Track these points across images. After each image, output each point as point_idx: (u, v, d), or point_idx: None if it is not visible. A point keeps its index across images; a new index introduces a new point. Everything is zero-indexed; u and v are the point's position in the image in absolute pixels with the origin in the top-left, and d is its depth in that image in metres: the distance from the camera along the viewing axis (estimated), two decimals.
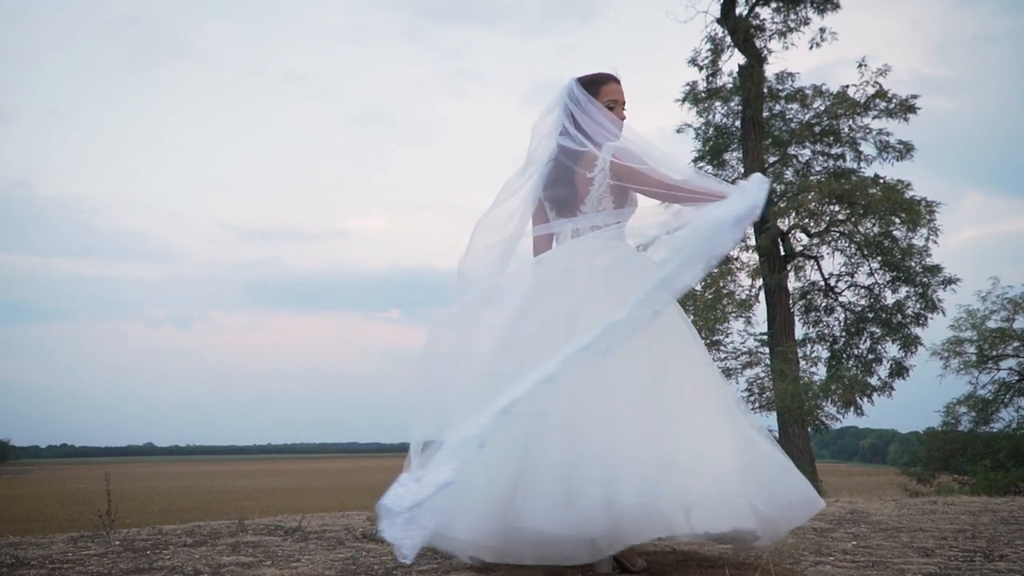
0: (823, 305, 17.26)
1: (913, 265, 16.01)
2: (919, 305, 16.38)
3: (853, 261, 16.82)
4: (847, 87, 16.60)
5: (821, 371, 16.60)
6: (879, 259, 16.45)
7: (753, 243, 17.18)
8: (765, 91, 16.72)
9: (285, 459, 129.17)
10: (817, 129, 16.69)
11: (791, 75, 17.03)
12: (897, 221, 15.86)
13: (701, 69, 17.49)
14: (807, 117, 16.82)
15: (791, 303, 16.81)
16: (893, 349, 16.62)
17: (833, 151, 16.95)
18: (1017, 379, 21.58)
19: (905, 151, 16.30)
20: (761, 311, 15.77)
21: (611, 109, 3.11)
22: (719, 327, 12.47)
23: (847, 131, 16.67)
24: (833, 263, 17.18)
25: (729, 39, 17.12)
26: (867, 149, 16.72)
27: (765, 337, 13.78)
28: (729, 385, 3.15)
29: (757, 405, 13.02)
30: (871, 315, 16.71)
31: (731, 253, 17.35)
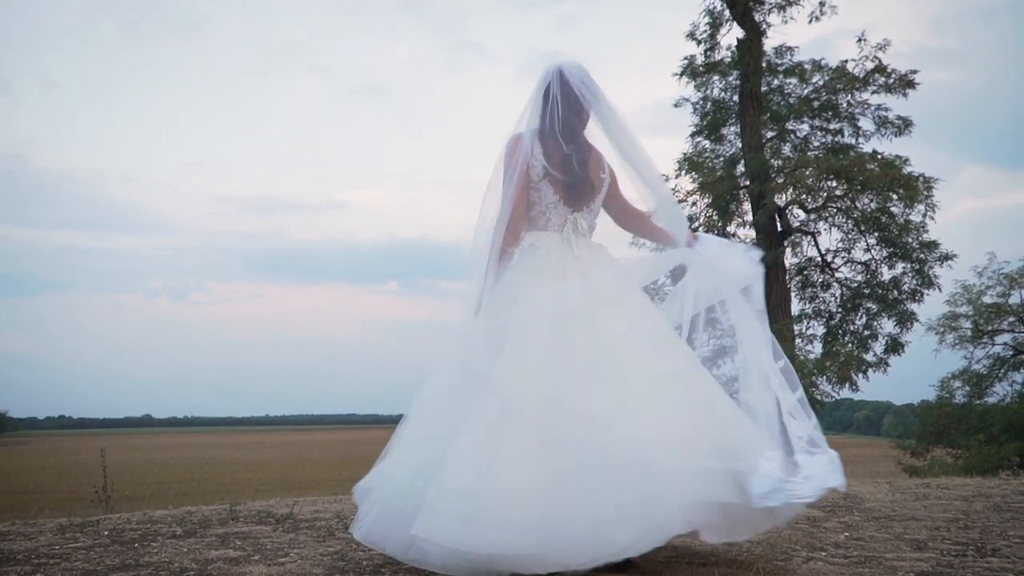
0: (820, 281, 17.22)
1: (910, 241, 15.96)
2: (915, 281, 16.35)
3: (850, 237, 16.76)
4: (846, 62, 16.45)
5: (817, 349, 16.60)
6: (876, 235, 16.39)
7: (750, 218, 17.11)
8: (764, 65, 16.56)
9: (283, 431, 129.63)
10: (816, 104, 16.56)
11: (790, 49, 16.86)
12: (895, 197, 15.77)
13: (699, 43, 17.31)
14: (806, 92, 16.68)
15: (787, 279, 16.76)
16: (889, 325, 16.61)
17: (831, 126, 16.83)
18: (1012, 354, 21.65)
19: (903, 127, 16.18)
20: (758, 292, 15.72)
21: None
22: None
23: (845, 106, 16.54)
24: (830, 239, 17.13)
25: (728, 12, 16.93)
26: (865, 125, 16.62)
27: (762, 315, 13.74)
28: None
29: None
30: (867, 291, 16.68)
31: (729, 229, 17.30)
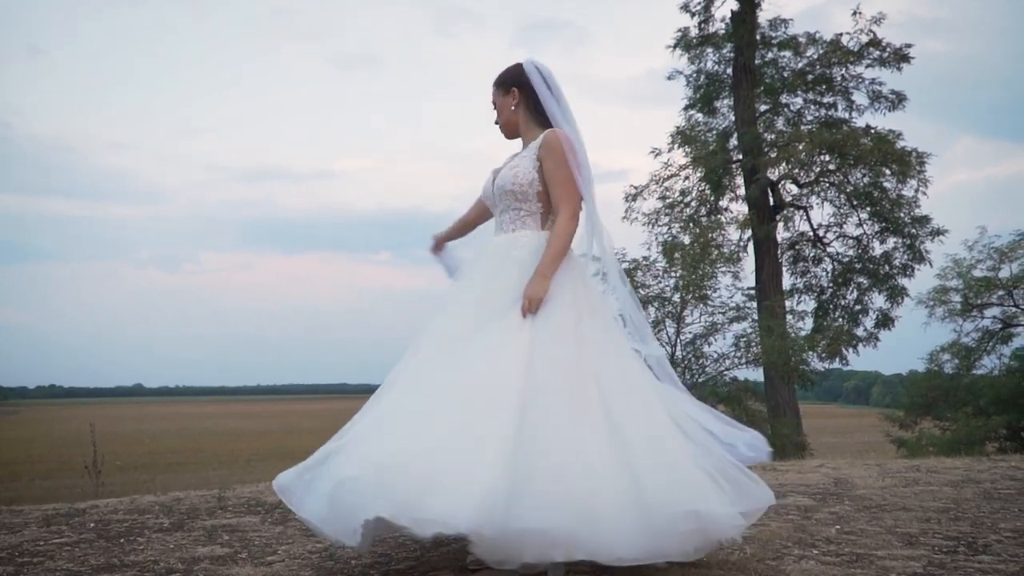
0: (811, 255, 17.21)
1: (902, 216, 15.94)
2: (906, 256, 16.35)
3: (842, 212, 16.73)
4: (840, 35, 16.33)
5: (808, 325, 16.64)
6: (868, 210, 16.36)
7: (742, 192, 17.06)
8: (758, 38, 16.42)
9: (275, 400, 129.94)
10: (810, 77, 16.44)
11: (784, 22, 16.71)
12: (888, 172, 15.73)
13: (693, 15, 17.14)
14: (800, 65, 16.55)
15: (779, 254, 16.75)
16: (880, 300, 16.64)
17: (825, 100, 16.73)
18: (1001, 327, 21.73)
19: (897, 101, 16.09)
20: (749, 266, 15.72)
21: None
22: (707, 283, 12.40)
23: (840, 80, 16.43)
24: (822, 213, 17.12)
25: None
26: (859, 99, 16.53)
27: (753, 292, 13.75)
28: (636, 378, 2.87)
29: (744, 361, 13.04)
30: (859, 266, 16.69)
31: (721, 204, 17.26)
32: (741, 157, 16.70)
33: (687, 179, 17.17)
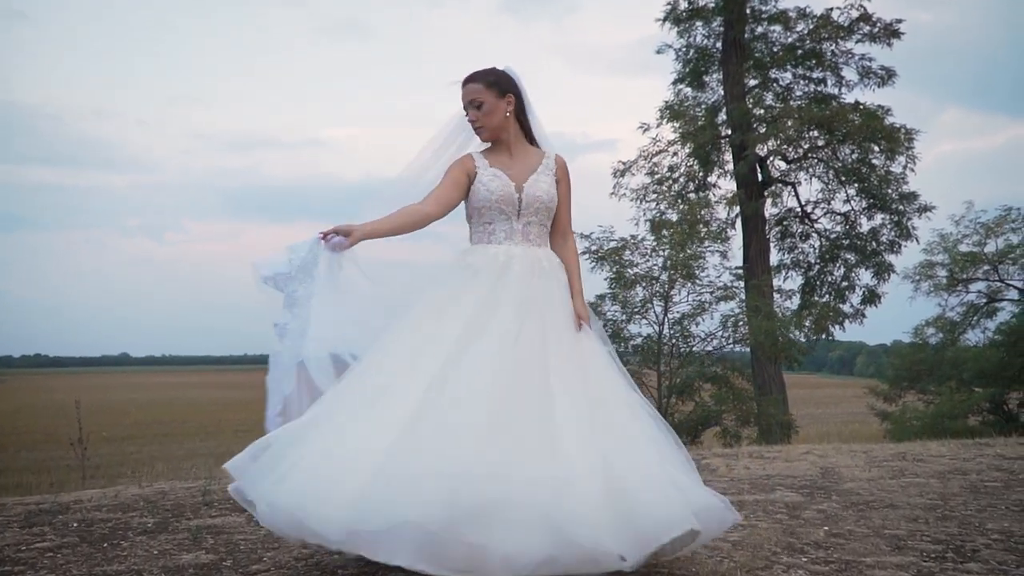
0: (799, 232, 17.20)
1: (890, 192, 15.93)
2: (893, 233, 16.37)
3: (830, 188, 16.70)
4: (831, 10, 16.20)
5: (795, 303, 16.66)
6: (856, 186, 16.34)
7: (731, 168, 16.99)
8: (747, 12, 16.27)
9: (262, 369, 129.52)
10: (799, 52, 16.32)
11: None
12: (876, 149, 15.70)
13: None
14: (790, 40, 16.42)
15: (767, 230, 16.74)
16: (867, 276, 16.68)
17: (814, 75, 16.62)
18: (985, 301, 21.88)
19: (887, 77, 16.01)
20: (737, 243, 15.67)
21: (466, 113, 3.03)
22: (694, 263, 12.38)
23: (829, 55, 16.32)
24: (810, 189, 17.11)
25: None
26: (849, 74, 16.44)
27: (740, 271, 13.75)
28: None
29: (731, 340, 13.08)
30: (846, 242, 16.69)
31: (709, 180, 17.20)
32: (730, 133, 16.61)
33: (675, 155, 17.09)
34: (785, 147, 16.33)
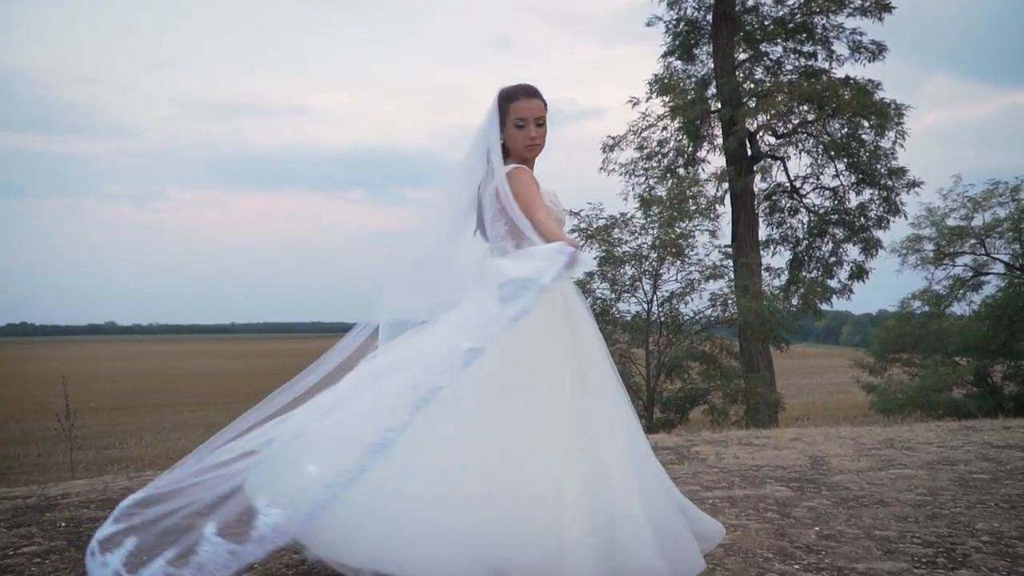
0: (787, 207, 17.18)
1: (879, 168, 15.91)
2: (882, 208, 16.37)
3: (819, 163, 16.66)
4: None
5: (783, 279, 16.66)
6: (845, 161, 16.31)
7: (720, 142, 16.91)
8: None
9: (249, 338, 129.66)
10: (790, 26, 16.19)
11: None
12: (866, 124, 15.65)
13: None
14: (780, 13, 16.27)
15: (756, 205, 16.71)
16: (854, 252, 16.70)
17: (805, 48, 16.50)
18: (972, 275, 22.00)
19: (877, 52, 15.91)
20: (725, 219, 15.60)
21: (520, 128, 2.85)
22: (683, 241, 12.34)
23: (820, 30, 16.19)
24: (799, 164, 17.08)
25: None
26: (839, 48, 16.32)
27: (730, 250, 13.73)
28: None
29: (719, 320, 13.07)
30: (835, 217, 16.69)
31: (699, 155, 17.12)
32: (720, 107, 16.51)
33: (664, 129, 16.99)
34: (775, 122, 16.25)
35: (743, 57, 16.88)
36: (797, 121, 16.35)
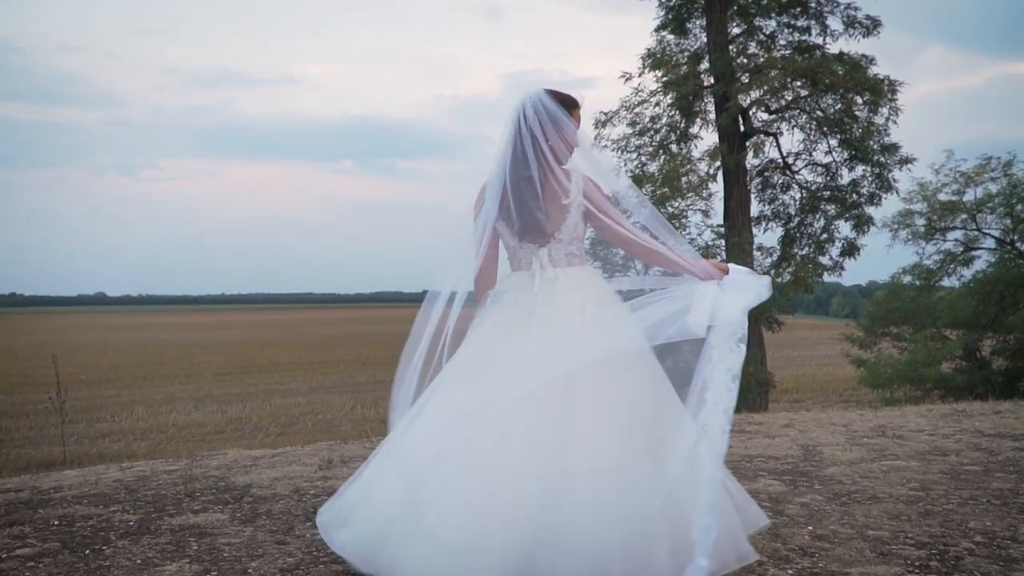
0: (779, 183, 17.13)
1: (871, 144, 15.86)
2: (874, 185, 16.35)
3: (812, 138, 16.60)
4: None
5: (776, 256, 16.63)
6: (838, 137, 16.26)
7: (713, 117, 16.81)
8: None
9: (239, 309, 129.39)
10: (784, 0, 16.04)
11: None
12: (859, 101, 15.58)
13: None
14: None
15: (748, 181, 16.66)
16: (846, 228, 16.70)
17: (799, 23, 16.36)
18: (962, 250, 22.10)
19: (872, 27, 15.80)
20: (718, 196, 15.55)
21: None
22: (675, 223, 12.28)
23: (815, 4, 16.06)
24: (792, 140, 16.99)
25: None
26: (833, 23, 16.18)
27: (722, 229, 13.69)
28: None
29: None
30: (827, 194, 16.67)
31: (692, 131, 17.01)
32: (713, 82, 16.40)
33: (657, 105, 16.86)
34: (768, 97, 16.16)
35: (737, 31, 16.74)
36: (790, 97, 16.26)
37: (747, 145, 16.57)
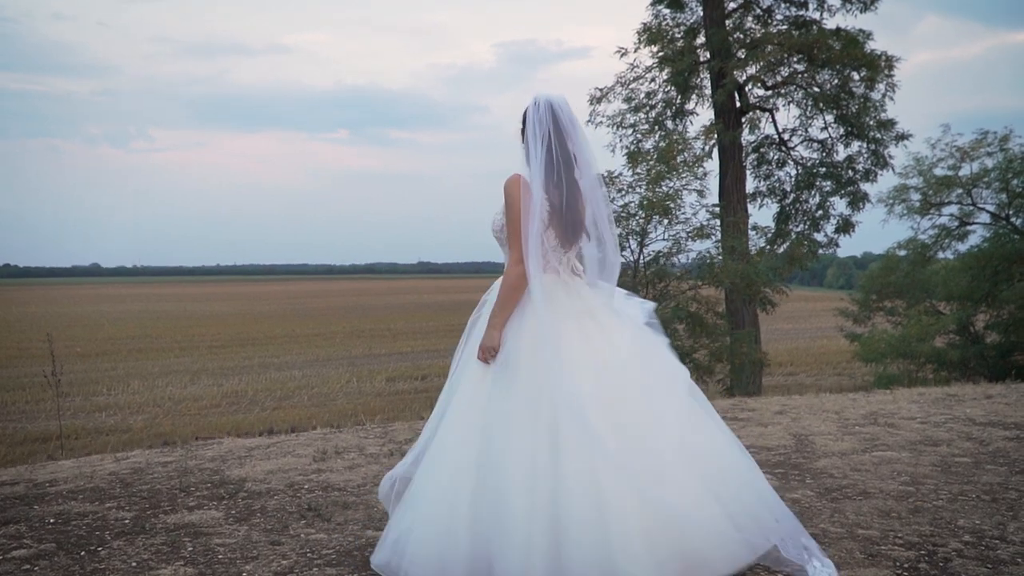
0: (775, 159, 17.08)
1: (867, 120, 15.80)
2: (870, 162, 16.32)
3: (808, 114, 16.52)
4: None
5: (772, 235, 16.61)
6: (834, 113, 16.20)
7: (709, 92, 16.73)
8: None
9: (234, 281, 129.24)
10: None
11: None
12: (856, 77, 15.50)
13: None
14: None
15: (743, 157, 16.61)
16: (841, 205, 16.69)
17: None
18: (957, 224, 22.11)
19: (869, 2, 15.67)
20: (713, 174, 15.47)
21: None
22: (671, 203, 12.24)
23: None
24: (788, 116, 16.94)
25: None
26: None
27: (717, 209, 13.66)
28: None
29: (706, 281, 13.03)
30: (822, 170, 16.63)
31: (687, 106, 16.92)
32: (709, 58, 16.29)
33: (653, 81, 16.76)
34: (764, 73, 16.07)
35: (733, 6, 16.61)
36: (787, 72, 16.16)
37: (743, 121, 16.49)
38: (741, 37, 16.29)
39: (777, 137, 16.94)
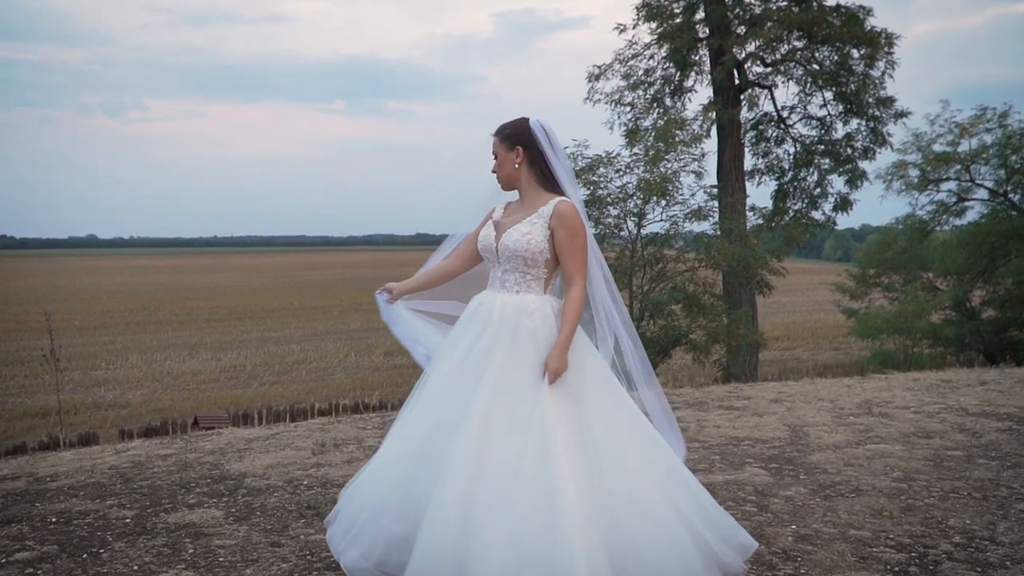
0: (774, 136, 17.03)
1: (866, 98, 15.74)
2: (868, 139, 16.27)
3: (807, 92, 16.44)
4: None
5: (768, 220, 16.59)
6: (833, 91, 16.12)
7: (707, 68, 16.64)
8: None
9: (231, 252, 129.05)
10: None
11: None
12: (856, 54, 15.41)
13: None
14: None
15: (742, 134, 16.55)
16: (840, 183, 16.67)
17: None
18: (955, 200, 22.10)
19: None
20: (711, 164, 15.38)
21: None
22: (668, 185, 12.22)
23: None
24: (787, 93, 16.86)
25: None
26: None
27: (715, 191, 13.63)
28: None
29: (703, 263, 13.04)
30: (821, 148, 16.59)
31: (686, 83, 16.83)
32: (708, 33, 16.18)
33: (651, 58, 16.65)
34: (764, 50, 15.97)
35: None
36: (786, 49, 16.06)
37: (742, 98, 16.42)
38: (740, 13, 16.15)
39: (776, 114, 16.88)
